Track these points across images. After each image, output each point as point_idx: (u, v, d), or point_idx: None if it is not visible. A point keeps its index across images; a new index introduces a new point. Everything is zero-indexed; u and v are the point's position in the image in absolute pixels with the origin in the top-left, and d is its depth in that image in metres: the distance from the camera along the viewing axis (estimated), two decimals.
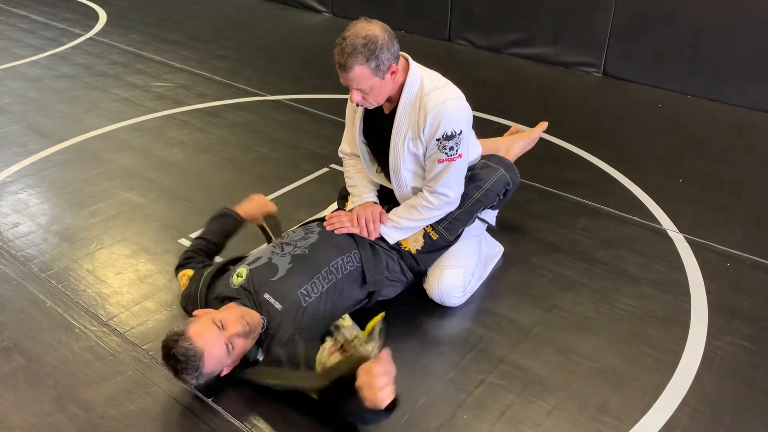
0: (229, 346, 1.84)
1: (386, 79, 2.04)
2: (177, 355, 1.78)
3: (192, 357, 1.78)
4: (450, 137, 2.10)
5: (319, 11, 6.28)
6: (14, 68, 4.71)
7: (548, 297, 2.42)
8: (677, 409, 1.94)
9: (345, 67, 1.97)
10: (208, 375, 1.85)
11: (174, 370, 1.82)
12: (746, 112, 4.12)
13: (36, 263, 2.57)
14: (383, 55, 1.98)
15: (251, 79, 4.56)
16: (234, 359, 1.90)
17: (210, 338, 1.82)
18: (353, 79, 1.99)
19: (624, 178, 3.27)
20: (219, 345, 1.83)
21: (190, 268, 2.23)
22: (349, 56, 1.95)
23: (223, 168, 3.35)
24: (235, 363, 1.92)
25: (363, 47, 1.95)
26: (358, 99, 2.07)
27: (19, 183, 3.17)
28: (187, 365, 1.79)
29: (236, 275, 2.08)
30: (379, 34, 1.98)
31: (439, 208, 2.24)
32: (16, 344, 2.16)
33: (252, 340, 1.93)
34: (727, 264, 2.62)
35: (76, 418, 1.89)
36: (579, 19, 4.68)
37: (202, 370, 1.81)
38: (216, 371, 1.87)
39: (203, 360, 1.80)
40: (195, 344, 1.79)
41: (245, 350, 1.92)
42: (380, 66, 1.98)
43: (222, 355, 1.84)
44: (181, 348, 1.78)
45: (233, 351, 1.86)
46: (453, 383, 2.03)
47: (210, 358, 1.81)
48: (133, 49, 5.19)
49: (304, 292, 2.05)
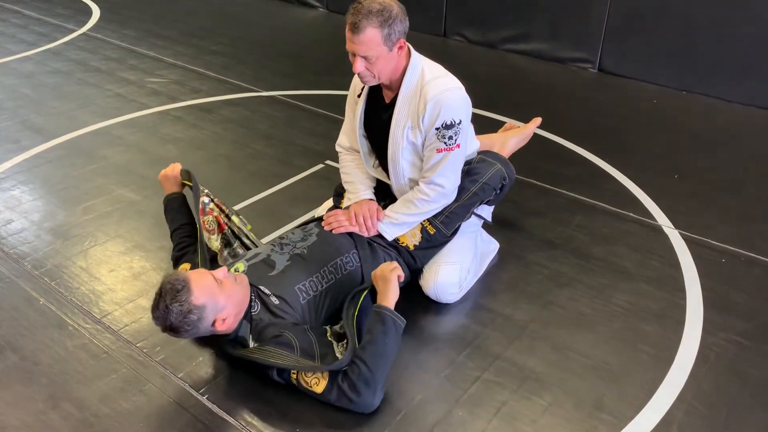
0: (216, 280, 1.86)
1: (393, 52, 2.05)
2: (163, 285, 1.80)
3: (178, 281, 1.78)
4: (449, 126, 2.11)
5: (314, 7, 6.25)
6: (6, 64, 4.68)
7: (544, 293, 2.42)
8: (673, 405, 1.94)
9: (358, 27, 1.98)
10: (200, 309, 1.79)
11: (164, 309, 1.77)
12: (741, 107, 4.13)
13: (29, 260, 2.55)
14: (396, 26, 2.01)
15: (245, 75, 4.54)
16: (226, 299, 1.85)
17: (196, 272, 1.87)
18: (363, 41, 2.00)
19: (619, 174, 3.27)
20: (205, 274, 1.85)
21: (187, 262, 2.23)
22: (365, 17, 1.97)
23: (218, 164, 3.34)
24: (230, 313, 1.87)
25: (379, 12, 1.98)
26: (361, 68, 2.06)
27: (12, 179, 3.15)
28: (175, 291, 1.77)
29: (233, 270, 2.08)
30: (395, 6, 2.03)
31: (436, 201, 2.24)
32: (9, 342, 2.15)
33: (244, 288, 1.93)
34: (723, 260, 2.62)
35: (70, 416, 1.88)
36: (574, 14, 4.67)
37: (190, 297, 1.77)
38: (208, 307, 1.81)
39: (190, 285, 1.79)
40: (180, 274, 1.82)
41: (235, 294, 1.89)
42: (391, 35, 2.01)
43: (210, 284, 1.83)
44: (166, 278, 1.81)
45: (222, 286, 1.85)
46: (449, 380, 2.03)
47: (197, 283, 1.80)
48: (127, 44, 5.16)
49: (302, 287, 2.05)
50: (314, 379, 1.84)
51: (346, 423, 1.86)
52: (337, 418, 1.87)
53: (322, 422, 1.86)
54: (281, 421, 1.87)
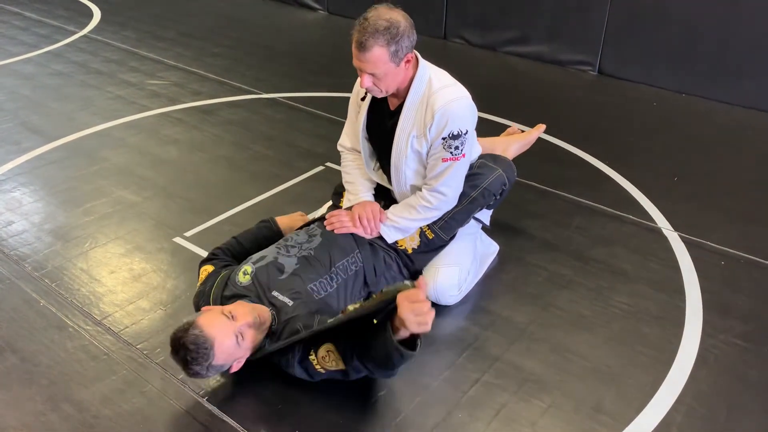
0: (239, 337, 1.83)
1: (401, 67, 2.03)
2: (187, 344, 1.76)
3: (202, 344, 1.76)
4: (456, 137, 2.10)
5: (314, 9, 6.26)
6: (7, 66, 4.68)
7: (543, 295, 2.42)
8: (672, 407, 1.95)
9: (365, 46, 1.95)
10: (218, 367, 1.83)
11: (184, 362, 1.78)
12: (741, 110, 4.13)
13: (29, 262, 2.56)
14: (403, 42, 1.98)
15: (246, 77, 4.55)
16: (244, 352, 1.88)
17: (220, 327, 1.81)
18: (370, 60, 1.97)
19: (619, 177, 3.27)
20: (229, 334, 1.81)
21: (212, 265, 2.22)
22: (371, 36, 1.94)
23: (218, 166, 3.34)
24: (245, 357, 1.90)
25: (385, 30, 1.94)
26: (368, 84, 2.04)
27: (13, 181, 3.15)
28: (198, 354, 1.76)
29: (242, 273, 2.08)
30: (402, 21, 1.99)
31: (438, 208, 2.24)
32: (9, 343, 2.15)
33: (262, 333, 1.92)
34: (722, 262, 2.62)
35: (70, 417, 1.88)
36: (574, 17, 4.68)
37: (212, 361, 1.78)
38: (226, 364, 1.85)
39: (213, 349, 1.77)
40: (205, 332, 1.78)
41: (255, 344, 1.90)
42: (399, 52, 1.98)
43: (232, 346, 1.82)
44: (191, 336, 1.76)
45: (243, 342, 1.84)
46: (448, 382, 2.03)
47: (220, 347, 1.79)
48: (128, 46, 5.17)
49: (314, 287, 2.05)
50: (332, 361, 1.84)
51: (346, 425, 1.86)
52: (337, 421, 1.87)
53: (322, 425, 1.87)
54: (281, 423, 1.87)
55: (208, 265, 2.22)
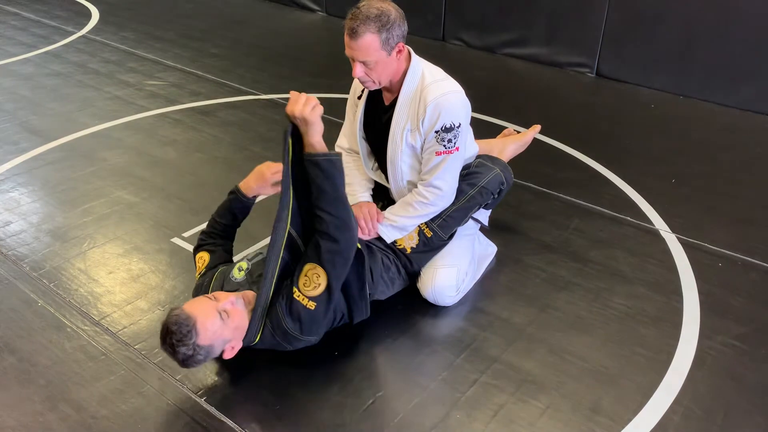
0: (223, 315, 1.84)
1: (392, 56, 2.07)
2: (169, 325, 1.78)
3: (184, 323, 1.77)
4: (449, 129, 2.12)
5: (313, 10, 6.27)
6: (5, 66, 4.68)
7: (541, 297, 2.42)
8: (669, 408, 1.95)
9: (356, 33, 1.99)
10: (206, 348, 1.81)
11: (171, 348, 1.78)
12: (738, 112, 4.14)
13: (27, 262, 2.56)
14: (394, 30, 2.02)
15: (244, 78, 4.55)
16: (232, 332, 1.87)
17: (201, 306, 1.84)
18: (361, 47, 2.01)
19: (617, 179, 3.28)
20: (211, 312, 1.83)
21: (205, 251, 2.23)
22: (362, 23, 1.98)
23: (216, 167, 3.34)
24: (237, 341, 1.89)
25: (376, 18, 1.99)
26: (360, 74, 2.08)
27: (11, 181, 3.15)
28: (181, 334, 1.76)
29: (237, 269, 2.09)
30: (393, 10, 2.04)
31: (434, 203, 2.25)
32: (7, 344, 2.15)
33: (249, 312, 1.93)
34: (719, 264, 2.63)
35: (68, 418, 1.88)
36: (572, 19, 4.69)
37: (197, 340, 1.78)
38: (215, 345, 1.84)
39: (196, 327, 1.78)
40: (186, 311, 1.80)
41: (242, 322, 1.90)
42: (389, 40, 2.02)
43: (216, 323, 1.82)
44: (172, 317, 1.79)
45: (228, 320, 1.85)
46: (446, 383, 2.03)
47: (203, 325, 1.79)
48: (126, 47, 5.17)
49: None
50: (313, 281, 1.93)
51: (344, 425, 1.86)
52: (335, 420, 1.87)
53: (320, 425, 1.87)
54: (279, 423, 1.87)
55: (202, 251, 2.24)
